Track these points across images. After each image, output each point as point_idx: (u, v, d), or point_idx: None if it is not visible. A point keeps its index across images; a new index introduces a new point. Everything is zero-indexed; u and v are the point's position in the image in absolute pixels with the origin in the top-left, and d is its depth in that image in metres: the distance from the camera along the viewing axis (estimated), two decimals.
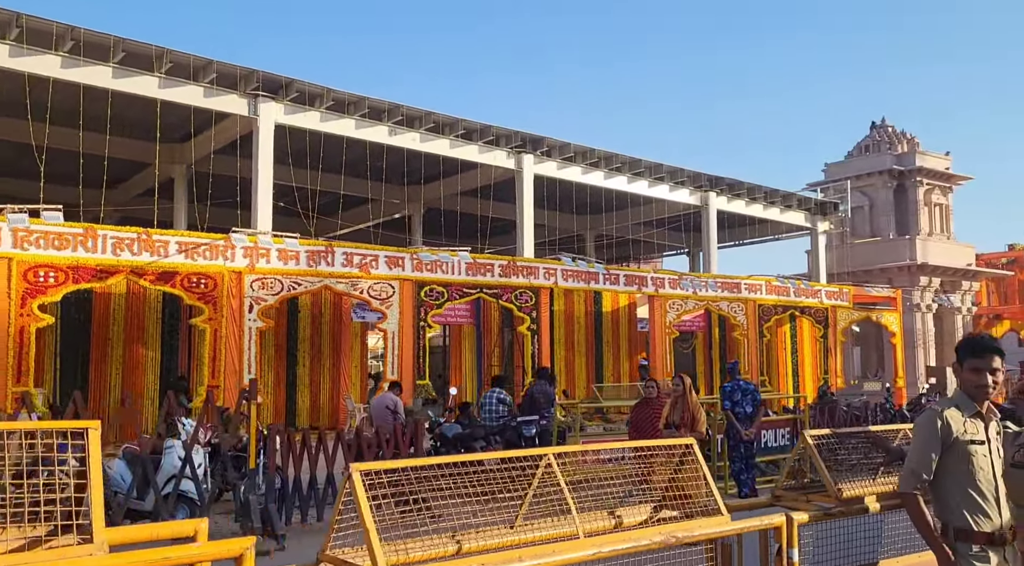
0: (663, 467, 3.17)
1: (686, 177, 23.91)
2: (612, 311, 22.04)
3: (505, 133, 20.20)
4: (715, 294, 20.62)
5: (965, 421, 3.28)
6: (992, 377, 3.31)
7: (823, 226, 27.93)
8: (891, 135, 30.49)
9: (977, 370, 3.29)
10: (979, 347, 3.34)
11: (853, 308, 23.80)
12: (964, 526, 3.20)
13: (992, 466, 3.28)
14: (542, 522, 2.67)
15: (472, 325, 19.60)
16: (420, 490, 2.47)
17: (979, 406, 3.31)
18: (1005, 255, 35.17)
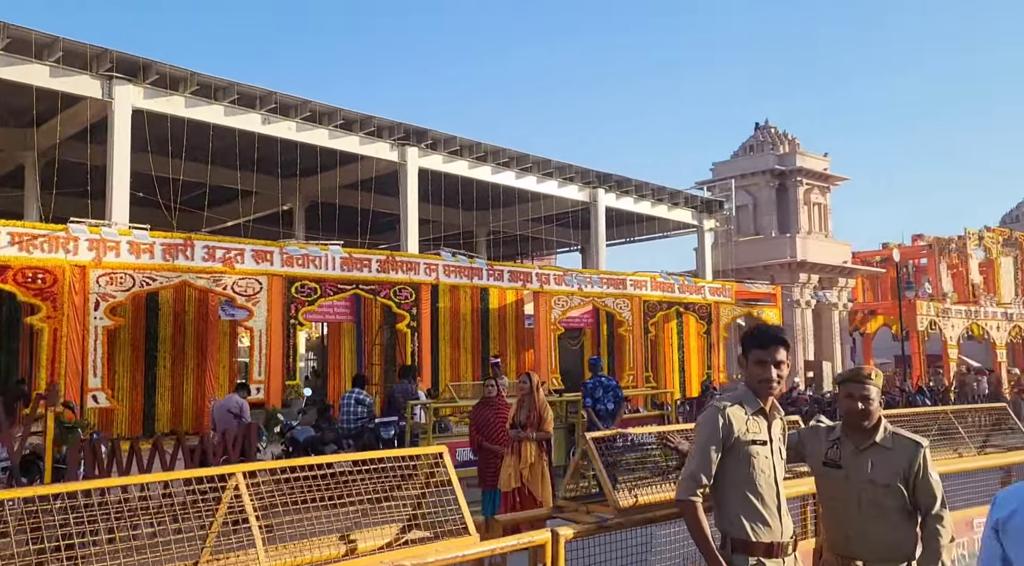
0: (410, 480, 2.77)
1: (575, 173, 23.83)
2: (499, 308, 21.71)
3: (388, 125, 19.57)
4: (601, 290, 20.59)
5: (748, 419, 2.98)
6: (777, 370, 3.02)
7: (709, 224, 28.45)
8: (774, 136, 31.36)
9: (762, 363, 3.02)
10: (764, 338, 3.06)
11: (736, 304, 24.29)
12: (742, 536, 2.89)
13: (774, 469, 2.99)
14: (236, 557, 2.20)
15: (352, 322, 18.88)
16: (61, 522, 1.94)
17: (763, 402, 3.03)
18: (879, 253, 36.78)
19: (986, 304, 33.42)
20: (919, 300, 31.12)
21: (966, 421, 5.23)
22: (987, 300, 33.35)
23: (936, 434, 4.98)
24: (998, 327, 34.63)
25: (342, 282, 15.59)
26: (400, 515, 2.63)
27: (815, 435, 3.37)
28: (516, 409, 7.04)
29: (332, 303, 17.85)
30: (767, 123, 32.10)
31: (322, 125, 18.47)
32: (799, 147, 30.91)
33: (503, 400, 7.85)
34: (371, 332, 19.05)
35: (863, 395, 3.19)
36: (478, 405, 7.95)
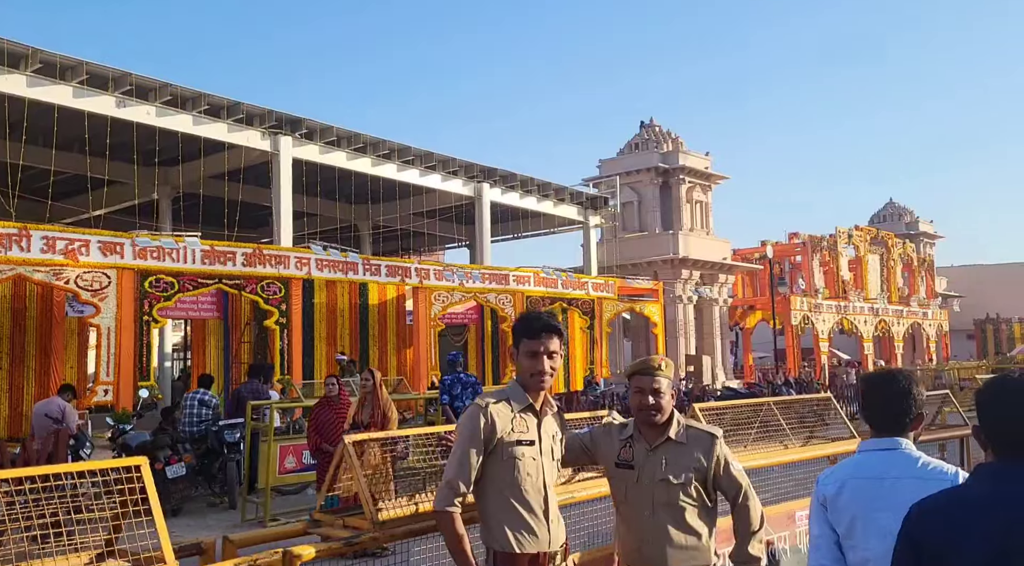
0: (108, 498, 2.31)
1: (458, 167, 23.45)
2: (379, 304, 21.09)
3: (259, 112, 18.64)
4: (483, 286, 20.28)
5: (514, 417, 2.67)
6: (550, 362, 2.72)
7: (595, 220, 28.63)
8: (658, 134, 31.89)
9: (532, 354, 2.71)
10: (534, 326, 2.75)
11: (619, 300, 24.48)
12: (506, 548, 2.58)
13: (543, 472, 2.69)
14: None
15: (219, 319, 17.89)
16: None
17: (533, 398, 2.73)
18: (758, 250, 38.03)
19: (854, 299, 35.07)
20: (793, 296, 32.36)
21: (791, 413, 5.14)
22: (855, 296, 34.98)
23: (760, 427, 4.86)
24: (865, 322, 36.43)
25: (203, 276, 14.65)
26: (92, 541, 2.16)
27: (607, 434, 3.06)
28: (357, 409, 6.59)
29: (196, 298, 16.87)
30: (652, 122, 32.61)
31: (185, 110, 17.39)
32: (682, 146, 31.52)
33: (346, 400, 7.40)
34: (239, 329, 18.11)
35: (653, 388, 2.89)
36: (317, 405, 7.46)
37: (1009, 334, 49.38)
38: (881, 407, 2.61)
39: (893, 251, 40.25)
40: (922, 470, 2.49)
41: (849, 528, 2.49)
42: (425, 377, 18.76)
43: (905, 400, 2.58)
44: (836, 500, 2.52)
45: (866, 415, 2.64)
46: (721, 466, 2.87)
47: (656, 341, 25.78)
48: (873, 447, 2.58)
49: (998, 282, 53.31)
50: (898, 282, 40.85)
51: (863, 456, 2.61)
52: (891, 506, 2.34)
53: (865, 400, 2.68)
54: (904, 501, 2.15)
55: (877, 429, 2.60)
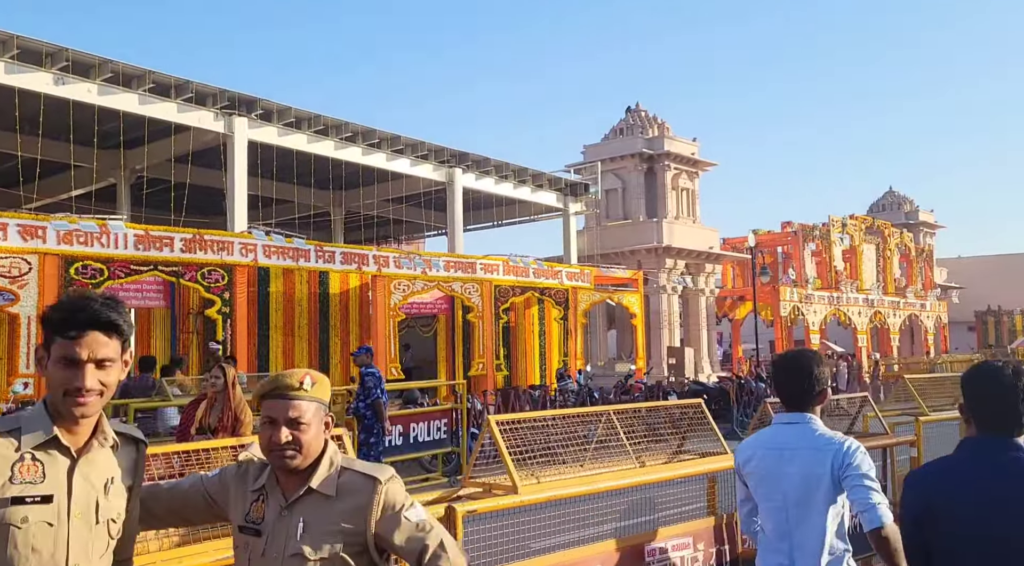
0: None
1: (427, 151, 22.62)
2: (341, 293, 20.32)
3: (210, 91, 17.84)
4: (447, 275, 19.49)
5: (19, 460, 1.73)
6: (100, 374, 1.79)
7: (575, 207, 27.77)
8: (644, 119, 30.98)
9: (68, 361, 1.76)
10: (70, 319, 1.77)
11: (595, 290, 23.66)
12: None
13: (66, 547, 1.74)
14: None
15: (166, 308, 17.16)
16: None
17: (65, 429, 1.79)
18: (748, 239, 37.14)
19: (847, 290, 34.15)
20: (782, 286, 31.45)
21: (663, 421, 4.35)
22: (848, 286, 34.07)
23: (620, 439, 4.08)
24: (859, 313, 35.52)
25: (136, 262, 13.90)
26: None
27: (241, 480, 2.14)
28: (206, 410, 5.80)
29: (140, 286, 16.14)
30: (638, 106, 31.70)
31: (130, 89, 16.60)
32: (669, 131, 30.62)
33: (229, 395, 6.62)
34: (188, 319, 17.39)
35: (289, 417, 2.02)
36: (192, 402, 6.68)
37: (1011, 326, 48.42)
38: (787, 385, 2.94)
39: (890, 241, 39.27)
40: (817, 440, 2.83)
41: (755, 488, 2.93)
42: (384, 370, 17.98)
43: (808, 379, 2.88)
44: (746, 466, 2.96)
45: (777, 392, 3.01)
46: (386, 522, 2.01)
47: (635, 333, 24.97)
48: (782, 420, 2.95)
49: (1000, 273, 52.27)
50: (895, 273, 39.88)
51: (773, 428, 2.99)
52: (790, 473, 2.81)
53: (775, 379, 3.04)
54: (801, 467, 2.77)
55: (786, 404, 2.94)
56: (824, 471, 2.76)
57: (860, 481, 2.68)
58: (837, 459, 2.74)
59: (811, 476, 2.78)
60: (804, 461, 2.78)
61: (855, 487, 2.69)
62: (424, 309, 22.21)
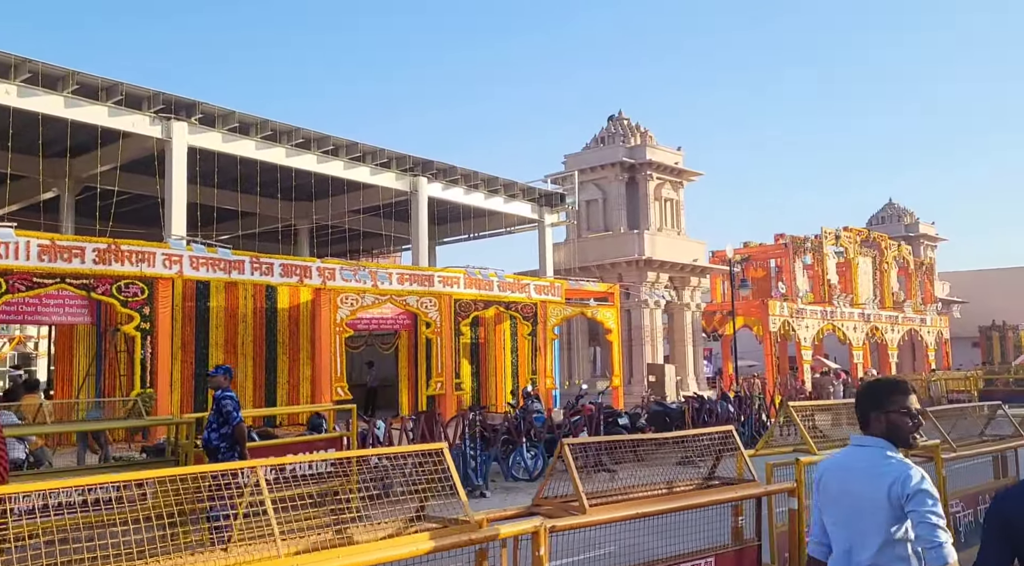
0: None
1: (388, 158, 21.53)
2: (291, 308, 19.31)
3: (145, 94, 16.80)
4: (401, 288, 18.35)
5: None
6: None
7: (551, 218, 26.64)
8: (626, 127, 29.87)
9: None
10: None
11: (566, 304, 22.49)
12: None
13: None
14: None
15: (91, 324, 16.07)
16: None
17: None
18: (739, 252, 35.91)
19: (840, 304, 32.84)
20: (771, 300, 30.18)
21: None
22: (841, 300, 32.76)
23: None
24: (855, 328, 34.17)
25: (39, 275, 12.81)
26: None
27: None
28: None
29: (62, 300, 15.07)
30: (620, 115, 30.62)
31: (54, 91, 15.60)
32: (652, 140, 29.50)
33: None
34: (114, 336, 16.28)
35: None
36: None
37: (1016, 341, 46.83)
38: (855, 407, 3.18)
39: (887, 253, 37.97)
40: (881, 465, 2.96)
41: (822, 505, 3.15)
42: (328, 389, 16.84)
43: (864, 401, 3.11)
44: (818, 483, 3.20)
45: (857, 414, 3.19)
46: None
47: (610, 349, 23.75)
48: (856, 442, 3.14)
49: (1005, 287, 50.75)
50: (892, 286, 38.54)
51: (847, 448, 3.18)
52: (850, 492, 3.00)
53: (856, 401, 3.22)
54: (859, 488, 2.97)
55: (861, 426, 3.13)
56: (880, 496, 2.87)
57: (926, 518, 2.76)
58: (895, 487, 2.84)
59: (867, 499, 2.91)
60: (864, 484, 2.93)
61: (920, 523, 2.77)
62: (384, 325, 21.08)
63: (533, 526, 3.02)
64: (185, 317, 16.91)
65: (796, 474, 4.01)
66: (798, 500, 3.93)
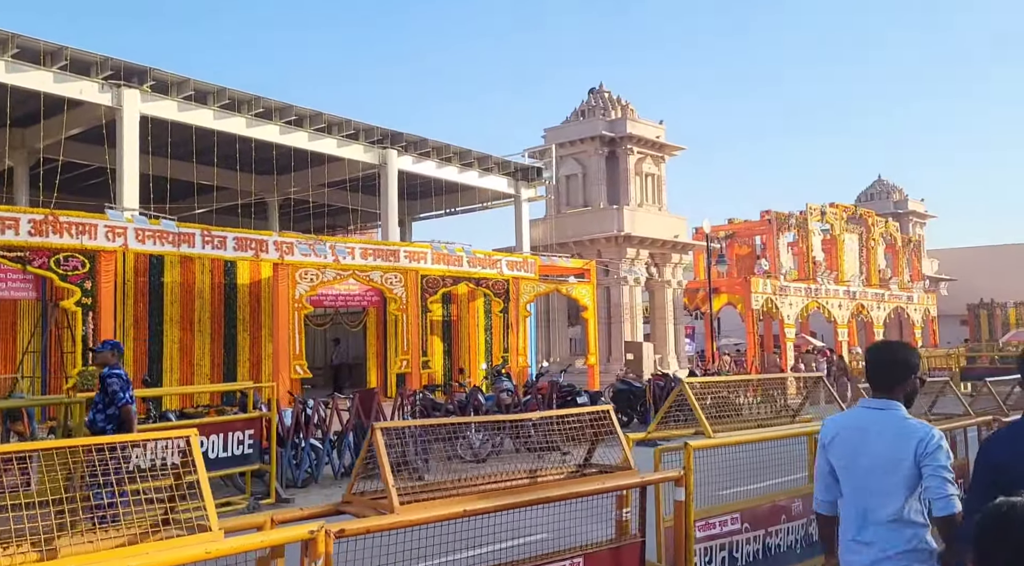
0: None
1: (355, 130, 20.83)
2: (251, 284, 18.64)
3: (93, 60, 16.09)
4: (364, 263, 17.74)
5: None
6: None
7: (528, 193, 26.02)
8: (607, 100, 29.14)
9: None
10: None
11: (540, 280, 21.91)
12: None
13: None
14: None
15: (36, 300, 15.44)
16: None
17: None
18: (723, 228, 35.32)
19: (825, 282, 32.32)
20: (754, 277, 29.65)
21: None
22: (825, 277, 32.24)
23: None
24: (840, 305, 33.69)
25: None
26: None
27: None
28: None
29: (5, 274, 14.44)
30: (601, 87, 29.86)
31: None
32: (633, 113, 28.79)
33: None
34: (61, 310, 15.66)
35: None
36: None
37: (1004, 319, 46.43)
38: (876, 369, 3.26)
39: (874, 230, 37.41)
40: (903, 425, 3.10)
41: (838, 465, 3.22)
42: (286, 368, 16.29)
43: (897, 366, 3.22)
44: (832, 444, 3.26)
45: (867, 377, 3.31)
46: None
47: (586, 326, 23.21)
48: (868, 405, 3.24)
49: (994, 265, 50.32)
50: (879, 263, 38.03)
51: (859, 410, 3.27)
52: (871, 453, 3.12)
53: (866, 363, 3.33)
54: (883, 450, 3.07)
55: (875, 389, 3.25)
56: (906, 456, 3.03)
57: (939, 472, 2.98)
58: (920, 447, 3.01)
59: (892, 459, 3.06)
60: (887, 444, 3.08)
61: (932, 476, 2.98)
62: (352, 301, 20.49)
63: (306, 532, 2.43)
64: (138, 292, 16.28)
65: (684, 460, 3.47)
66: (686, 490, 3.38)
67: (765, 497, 4.45)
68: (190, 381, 16.97)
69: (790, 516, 4.43)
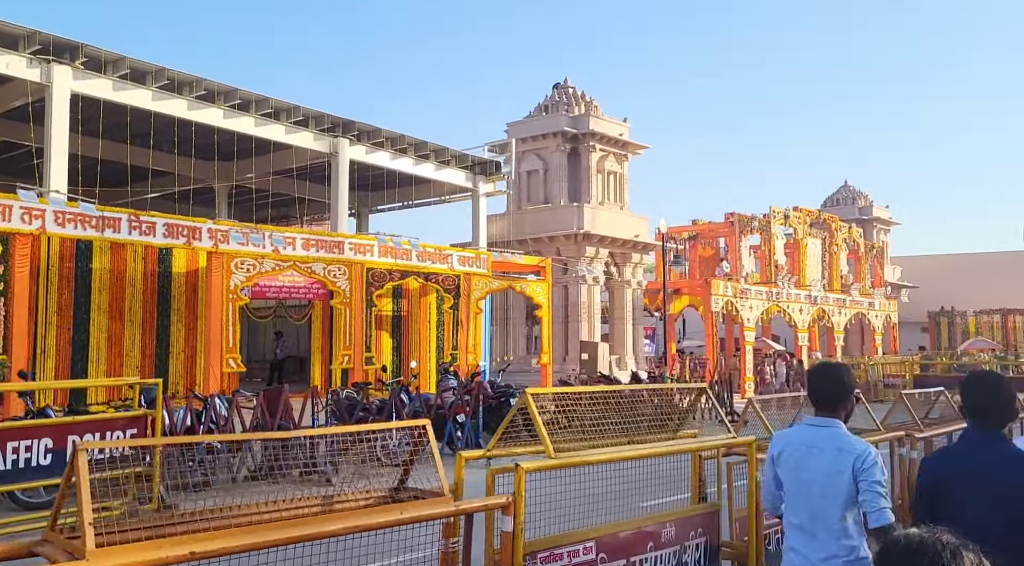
0: None
1: (304, 116, 20.13)
2: (188, 273, 17.89)
3: (19, 33, 15.26)
4: (306, 254, 17.08)
5: None
6: None
7: (487, 188, 25.47)
8: (571, 96, 28.67)
9: None
10: None
11: (492, 276, 21.36)
12: None
13: None
14: None
15: None
16: None
17: None
18: (687, 229, 35.01)
19: (786, 285, 32.13)
20: (715, 279, 29.35)
21: None
22: (786, 281, 32.04)
23: None
24: (801, 310, 33.54)
25: None
26: None
27: None
28: None
29: None
30: (566, 83, 29.38)
31: None
32: (597, 110, 28.35)
33: None
34: None
35: None
36: None
37: (964, 327, 46.78)
38: (820, 391, 3.47)
39: (837, 235, 37.34)
40: (843, 442, 3.33)
41: (785, 478, 3.44)
42: (218, 363, 15.60)
43: (839, 387, 3.43)
44: (779, 457, 3.48)
45: (810, 396, 3.52)
46: None
47: (541, 324, 22.72)
48: (812, 422, 3.45)
49: (955, 273, 50.64)
50: (841, 269, 37.98)
51: (802, 427, 3.51)
52: (811, 467, 3.33)
53: (809, 384, 3.56)
54: (823, 464, 3.28)
55: (817, 408, 3.45)
56: (845, 470, 3.27)
57: (873, 487, 3.23)
58: (858, 463, 3.26)
59: (832, 474, 3.29)
60: (828, 460, 3.29)
61: (867, 491, 3.23)
62: (296, 293, 19.83)
63: None
64: (62, 279, 15.48)
65: (515, 485, 2.94)
66: (514, 519, 2.85)
67: (628, 522, 4.03)
68: (119, 373, 16.20)
69: (659, 543, 4.02)
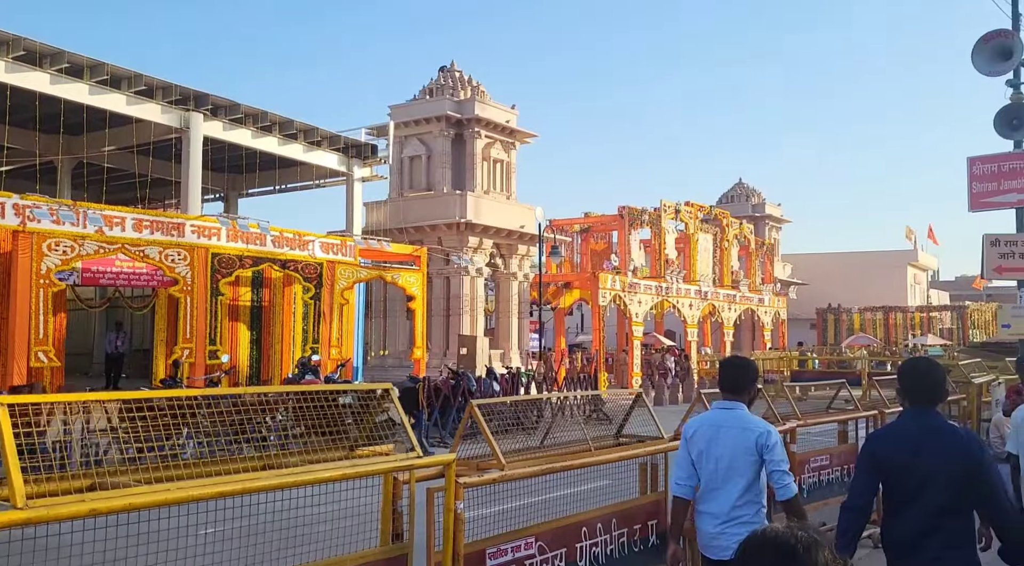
0: None
1: (148, 86, 18.27)
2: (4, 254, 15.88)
3: None
4: (137, 236, 15.35)
5: None
6: None
7: (363, 172, 24.05)
8: (457, 80, 27.49)
9: None
10: None
11: (360, 265, 20.00)
12: None
13: None
14: None
15: None
16: None
17: None
18: (578, 221, 34.41)
19: (674, 280, 31.86)
20: (602, 273, 28.77)
21: None
22: (674, 276, 31.77)
23: None
24: (691, 305, 33.40)
25: None
26: None
27: None
28: None
29: None
30: (453, 66, 28.17)
31: None
32: (484, 95, 27.25)
33: None
34: None
35: None
36: None
37: (849, 324, 48.07)
38: (729, 378, 4.11)
39: (728, 231, 37.47)
40: (745, 422, 3.97)
41: (698, 456, 4.00)
42: (25, 355, 13.75)
43: (745, 375, 4.11)
44: (692, 438, 4.06)
45: (720, 383, 4.16)
46: None
47: (413, 317, 21.50)
48: (721, 405, 4.08)
49: (842, 271, 52.03)
50: (732, 265, 38.16)
51: (714, 411, 4.13)
52: (722, 444, 3.93)
53: (720, 373, 4.22)
54: (731, 441, 3.92)
55: (725, 392, 4.09)
56: (750, 445, 3.89)
57: (779, 465, 3.89)
58: (760, 440, 3.90)
59: (738, 448, 3.91)
60: (734, 437, 3.92)
61: (774, 470, 3.88)
62: (137, 281, 18.00)
63: None
64: None
65: None
66: None
67: None
68: None
69: None
